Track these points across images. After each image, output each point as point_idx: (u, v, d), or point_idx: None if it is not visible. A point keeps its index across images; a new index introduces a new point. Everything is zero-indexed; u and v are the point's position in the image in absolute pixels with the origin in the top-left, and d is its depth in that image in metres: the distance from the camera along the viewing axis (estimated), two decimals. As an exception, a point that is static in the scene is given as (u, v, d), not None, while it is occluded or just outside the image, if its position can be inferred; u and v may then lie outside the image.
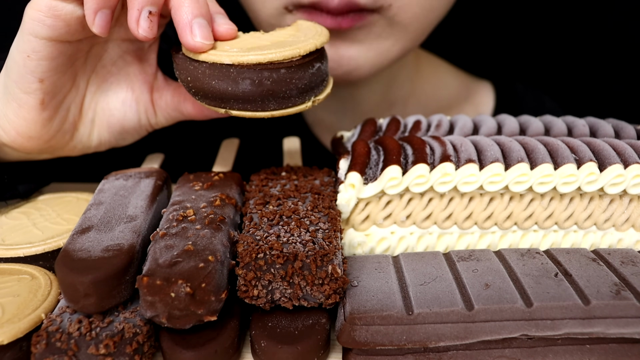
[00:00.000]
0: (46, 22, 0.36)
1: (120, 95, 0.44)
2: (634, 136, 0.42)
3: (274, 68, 0.35)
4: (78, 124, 0.43)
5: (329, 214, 0.35)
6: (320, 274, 0.31)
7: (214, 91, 0.36)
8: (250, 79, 0.35)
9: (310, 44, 0.37)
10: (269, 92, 0.35)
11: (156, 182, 0.40)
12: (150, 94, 0.45)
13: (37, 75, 0.38)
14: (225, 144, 0.51)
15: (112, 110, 0.44)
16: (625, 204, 0.38)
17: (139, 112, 0.45)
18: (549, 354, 0.32)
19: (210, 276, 0.30)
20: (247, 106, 0.36)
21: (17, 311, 0.32)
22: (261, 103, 0.36)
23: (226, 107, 0.37)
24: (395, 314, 0.31)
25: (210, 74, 0.36)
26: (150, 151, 0.50)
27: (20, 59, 0.37)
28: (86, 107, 0.43)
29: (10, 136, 0.41)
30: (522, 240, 0.39)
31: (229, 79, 0.35)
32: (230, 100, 0.36)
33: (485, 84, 0.69)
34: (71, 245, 0.32)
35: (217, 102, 0.37)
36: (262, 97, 0.36)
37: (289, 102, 0.37)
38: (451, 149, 0.38)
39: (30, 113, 0.39)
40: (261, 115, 0.37)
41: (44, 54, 0.37)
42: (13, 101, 0.39)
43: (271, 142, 0.59)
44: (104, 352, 0.29)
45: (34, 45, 0.37)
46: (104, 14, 0.36)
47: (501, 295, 0.31)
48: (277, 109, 0.37)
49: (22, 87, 0.38)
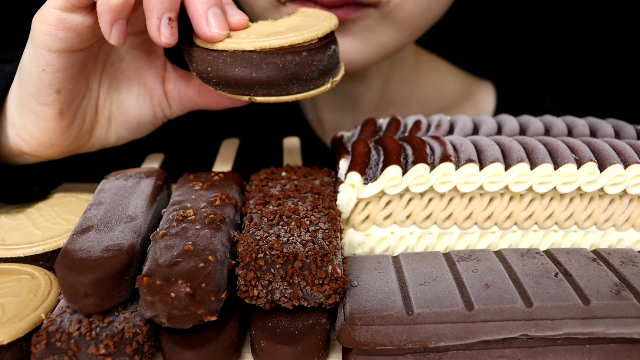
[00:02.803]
0: (58, 35, 0.36)
1: (133, 92, 0.44)
2: (634, 136, 0.42)
3: (296, 51, 0.35)
4: (95, 125, 0.43)
5: (329, 214, 0.35)
6: (320, 274, 0.31)
7: (237, 79, 0.36)
8: (273, 63, 0.35)
9: (325, 26, 0.37)
10: (293, 76, 0.36)
11: (156, 182, 0.40)
12: (163, 87, 0.45)
13: (54, 87, 0.38)
14: (225, 144, 0.51)
15: (127, 107, 0.44)
16: (625, 204, 0.38)
17: (153, 106, 0.45)
18: (549, 354, 0.32)
19: (210, 276, 0.30)
20: (272, 91, 0.36)
21: (17, 311, 0.32)
22: (285, 87, 0.36)
23: (250, 94, 0.37)
24: (395, 314, 0.31)
25: (232, 62, 0.36)
26: (150, 151, 0.50)
27: (35, 73, 0.37)
28: (101, 107, 0.43)
29: (31, 146, 0.41)
30: (522, 240, 0.39)
31: (252, 65, 0.35)
32: (254, 87, 0.36)
33: (486, 83, 0.69)
34: (71, 245, 0.32)
35: (240, 89, 0.37)
36: (286, 81, 0.36)
37: (310, 84, 0.37)
38: (451, 149, 0.38)
39: (50, 123, 0.39)
40: (285, 99, 0.37)
41: (58, 66, 0.37)
42: (31, 113, 0.39)
43: (271, 142, 0.59)
44: (104, 352, 0.29)
45: (48, 59, 0.37)
46: (120, 25, 0.36)
47: (501, 295, 0.31)
48: (300, 92, 0.37)
49: (40, 99, 0.38)
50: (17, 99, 0.40)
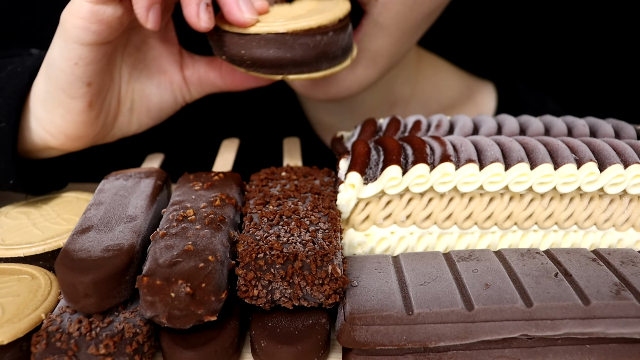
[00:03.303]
0: (91, 28, 0.36)
1: (154, 80, 0.45)
2: (634, 136, 0.42)
3: (324, 32, 0.39)
4: (118, 115, 0.44)
5: (329, 214, 0.35)
6: (320, 274, 0.31)
7: (272, 60, 0.39)
8: (305, 43, 0.39)
9: (343, 8, 0.41)
10: (322, 54, 0.39)
11: (156, 182, 0.40)
12: (182, 72, 0.46)
13: (85, 80, 0.39)
14: (225, 144, 0.51)
15: (149, 95, 0.45)
16: (625, 204, 0.38)
17: (174, 92, 0.46)
18: (549, 354, 0.32)
19: (210, 276, 0.30)
20: (303, 69, 0.40)
21: (17, 311, 0.32)
22: (315, 64, 0.40)
23: (283, 73, 0.40)
24: (395, 314, 0.31)
25: (266, 44, 0.38)
26: (150, 151, 0.50)
27: (67, 67, 0.38)
28: (123, 97, 0.44)
29: (58, 140, 0.42)
30: (522, 240, 0.39)
31: (285, 46, 0.38)
32: (287, 66, 0.39)
33: (486, 84, 0.69)
34: (71, 245, 0.32)
35: (274, 69, 0.40)
36: (317, 59, 0.39)
37: (336, 60, 0.41)
38: (451, 149, 0.38)
39: (80, 116, 0.40)
40: (315, 75, 0.41)
41: (90, 59, 0.38)
42: (59, 107, 0.40)
43: (271, 142, 0.59)
44: (104, 352, 0.29)
45: (80, 52, 0.37)
46: (156, 9, 0.37)
47: (501, 295, 0.31)
48: (327, 68, 0.41)
49: (71, 93, 0.39)
50: (43, 95, 0.40)
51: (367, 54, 0.48)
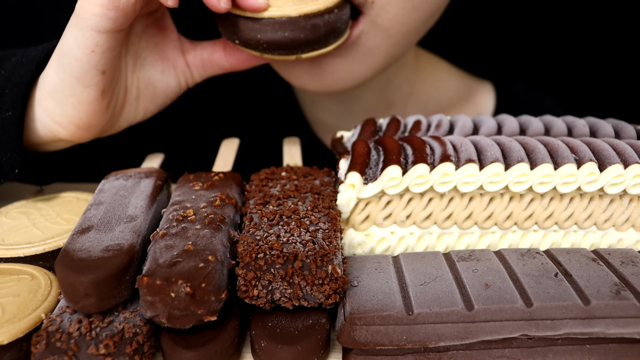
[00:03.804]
0: (109, 15, 0.37)
1: (157, 67, 0.46)
2: (634, 136, 0.42)
3: (330, 11, 0.42)
4: (124, 104, 0.45)
5: (329, 214, 0.35)
6: (320, 274, 0.31)
7: (287, 41, 0.42)
8: (316, 24, 0.42)
9: None
10: (330, 31, 0.43)
11: (156, 182, 0.40)
12: (184, 57, 0.47)
13: (101, 67, 0.39)
14: (225, 144, 0.51)
15: (155, 82, 0.46)
16: (625, 204, 0.38)
17: (177, 77, 0.47)
18: (549, 354, 0.32)
19: (210, 276, 0.30)
20: (315, 46, 0.43)
21: (17, 311, 0.32)
22: (324, 41, 0.43)
23: (297, 52, 0.43)
24: (395, 314, 0.31)
25: (280, 27, 0.41)
26: (150, 151, 0.50)
27: (83, 55, 0.39)
28: (129, 86, 0.45)
29: (69, 130, 0.42)
30: (522, 240, 0.39)
31: (299, 27, 0.41)
32: (302, 46, 0.42)
33: (485, 84, 0.69)
34: (71, 245, 0.32)
35: (289, 50, 0.42)
36: (327, 36, 0.43)
37: (340, 35, 0.44)
38: (451, 149, 0.38)
39: (92, 105, 0.41)
40: (324, 51, 0.44)
41: (107, 46, 0.39)
42: (71, 97, 0.40)
43: (271, 142, 0.59)
44: (104, 352, 0.29)
45: (97, 39, 0.38)
46: None
47: (501, 295, 0.31)
48: (334, 42, 0.44)
49: (85, 81, 0.40)
50: (54, 85, 0.41)
51: (364, 51, 0.48)
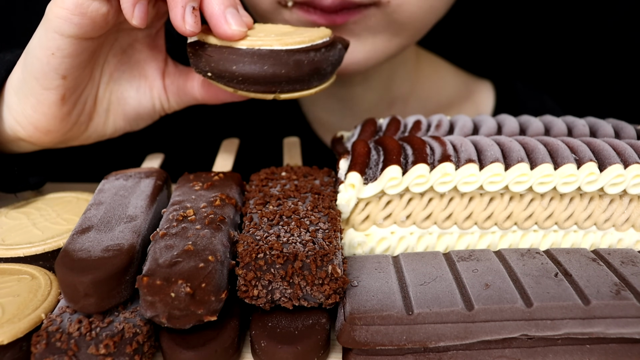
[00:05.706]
0: (73, 20, 0.36)
1: (134, 83, 0.45)
2: (634, 136, 0.42)
3: (316, 48, 0.38)
4: (93, 115, 0.44)
5: (329, 214, 0.35)
6: (320, 274, 0.31)
7: (266, 76, 0.37)
8: (299, 60, 0.37)
9: (327, 30, 0.41)
10: (314, 70, 0.38)
11: (156, 182, 0.40)
12: (163, 80, 0.45)
13: (61, 72, 0.38)
14: (225, 144, 0.51)
15: (127, 98, 0.45)
16: (625, 204, 0.38)
17: (153, 98, 0.45)
18: (549, 354, 0.32)
19: (210, 276, 0.30)
20: (296, 86, 0.38)
21: (17, 311, 0.32)
22: (307, 81, 0.39)
23: (276, 90, 0.38)
24: (395, 314, 0.31)
25: (259, 59, 0.37)
26: (150, 151, 0.50)
27: (44, 56, 0.38)
28: (100, 97, 0.44)
29: (28, 131, 0.41)
30: (522, 240, 0.39)
31: (280, 62, 0.37)
32: (281, 83, 0.38)
33: (485, 83, 0.69)
34: (71, 245, 0.32)
35: (267, 87, 0.38)
36: (309, 76, 0.38)
37: (325, 78, 0.40)
38: (451, 149, 0.38)
39: (51, 108, 0.40)
40: (306, 93, 0.39)
41: (68, 52, 0.38)
42: (32, 97, 0.39)
43: (271, 142, 0.59)
44: (104, 352, 0.29)
45: (59, 43, 0.37)
46: (142, 5, 0.37)
47: (501, 295, 0.31)
48: (318, 85, 0.40)
49: (44, 83, 0.39)
50: (18, 83, 0.40)
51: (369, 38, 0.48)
